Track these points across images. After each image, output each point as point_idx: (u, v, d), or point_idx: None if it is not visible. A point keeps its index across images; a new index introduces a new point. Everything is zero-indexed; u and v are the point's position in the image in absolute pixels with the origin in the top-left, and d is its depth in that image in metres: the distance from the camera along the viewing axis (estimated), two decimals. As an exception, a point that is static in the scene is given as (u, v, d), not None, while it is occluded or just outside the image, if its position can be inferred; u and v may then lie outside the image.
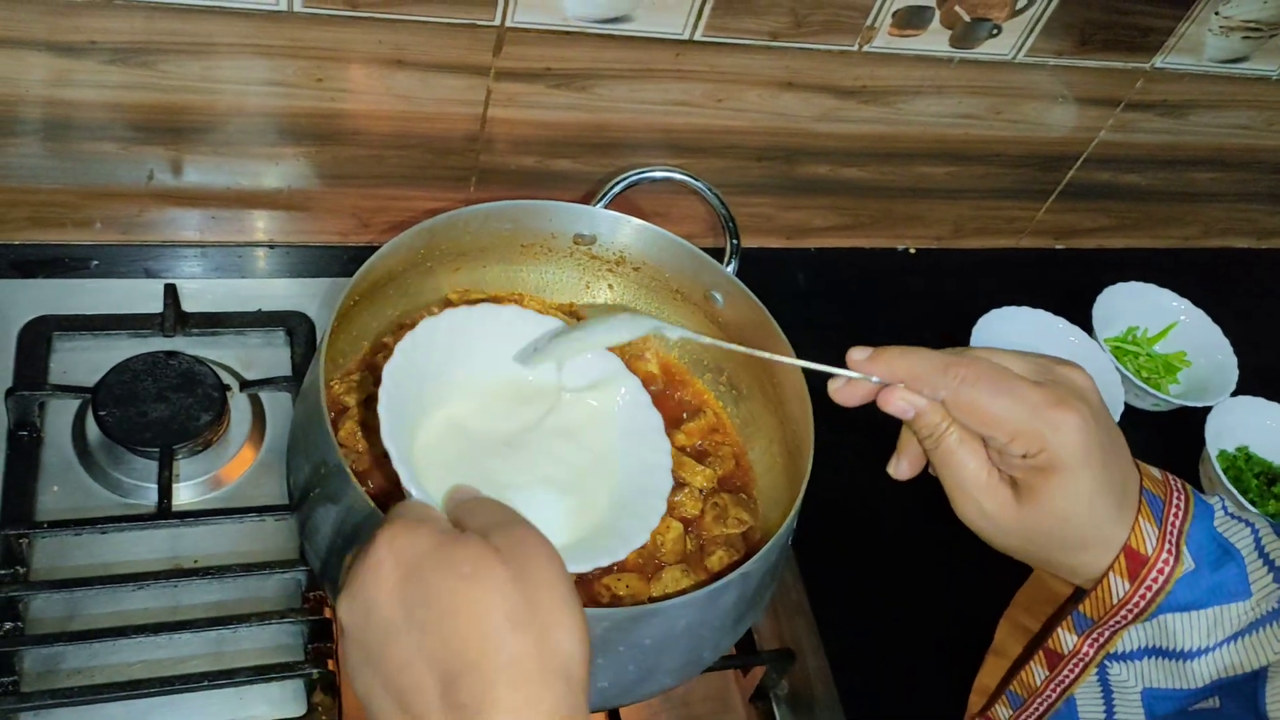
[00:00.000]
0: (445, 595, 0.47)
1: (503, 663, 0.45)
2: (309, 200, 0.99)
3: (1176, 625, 0.58)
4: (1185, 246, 1.41)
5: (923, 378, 0.57)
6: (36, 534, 0.78)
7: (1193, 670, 0.59)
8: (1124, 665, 0.61)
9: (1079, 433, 0.55)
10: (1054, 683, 0.64)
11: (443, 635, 0.46)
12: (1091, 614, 0.60)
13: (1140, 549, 0.57)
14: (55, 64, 0.82)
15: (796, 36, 0.96)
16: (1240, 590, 0.58)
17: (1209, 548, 0.58)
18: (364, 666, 0.48)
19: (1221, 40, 1.10)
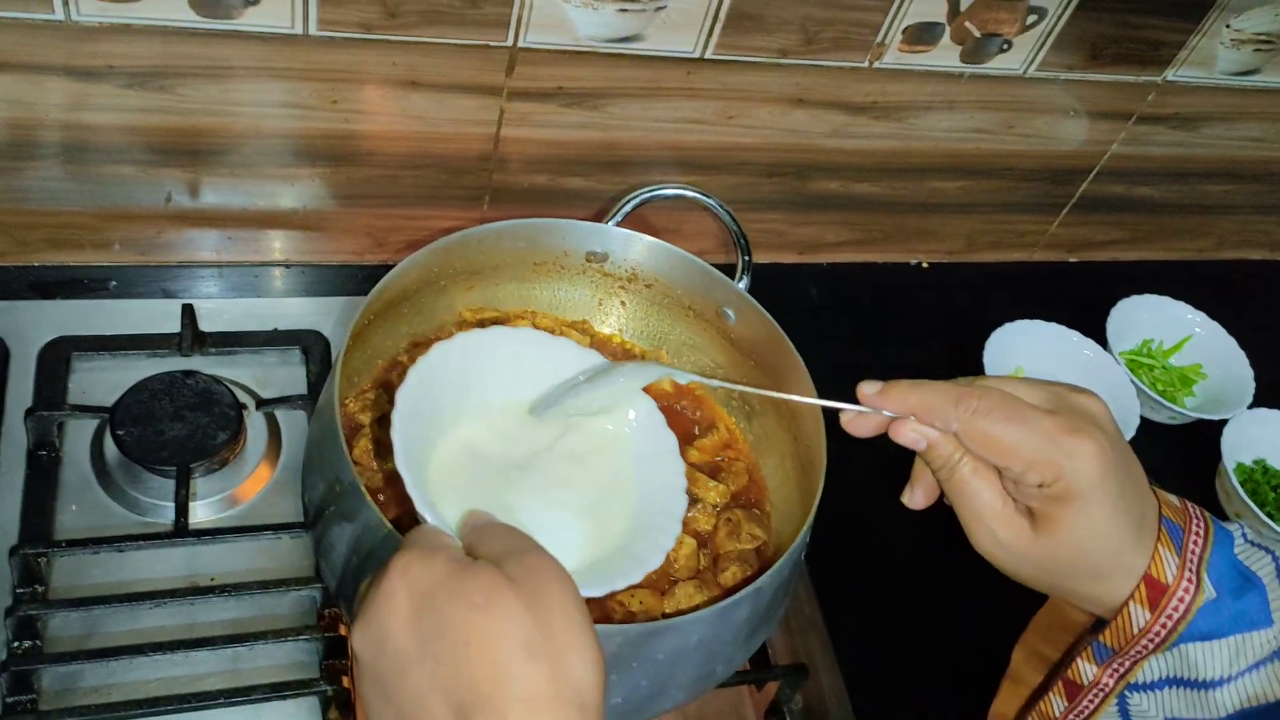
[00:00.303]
0: (458, 625, 0.47)
1: (516, 694, 0.45)
2: (324, 220, 1.00)
3: (1198, 655, 0.57)
4: (1199, 259, 1.40)
5: (934, 410, 0.57)
6: (55, 552, 0.79)
7: (1215, 700, 0.58)
8: (1145, 695, 0.60)
9: (1095, 460, 0.54)
10: (1074, 713, 0.63)
11: (456, 666, 0.46)
12: (1112, 644, 0.59)
13: (1161, 577, 0.56)
14: (73, 88, 0.83)
15: (807, 54, 0.96)
16: (1262, 618, 0.57)
17: (1230, 575, 0.57)
18: (378, 697, 0.48)
19: (1233, 53, 1.10)
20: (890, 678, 0.89)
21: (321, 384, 0.89)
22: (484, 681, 0.45)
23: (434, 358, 0.67)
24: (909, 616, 0.94)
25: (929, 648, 0.92)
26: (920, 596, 0.95)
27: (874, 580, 0.95)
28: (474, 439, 0.68)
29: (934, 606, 0.95)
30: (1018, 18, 0.99)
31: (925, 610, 0.95)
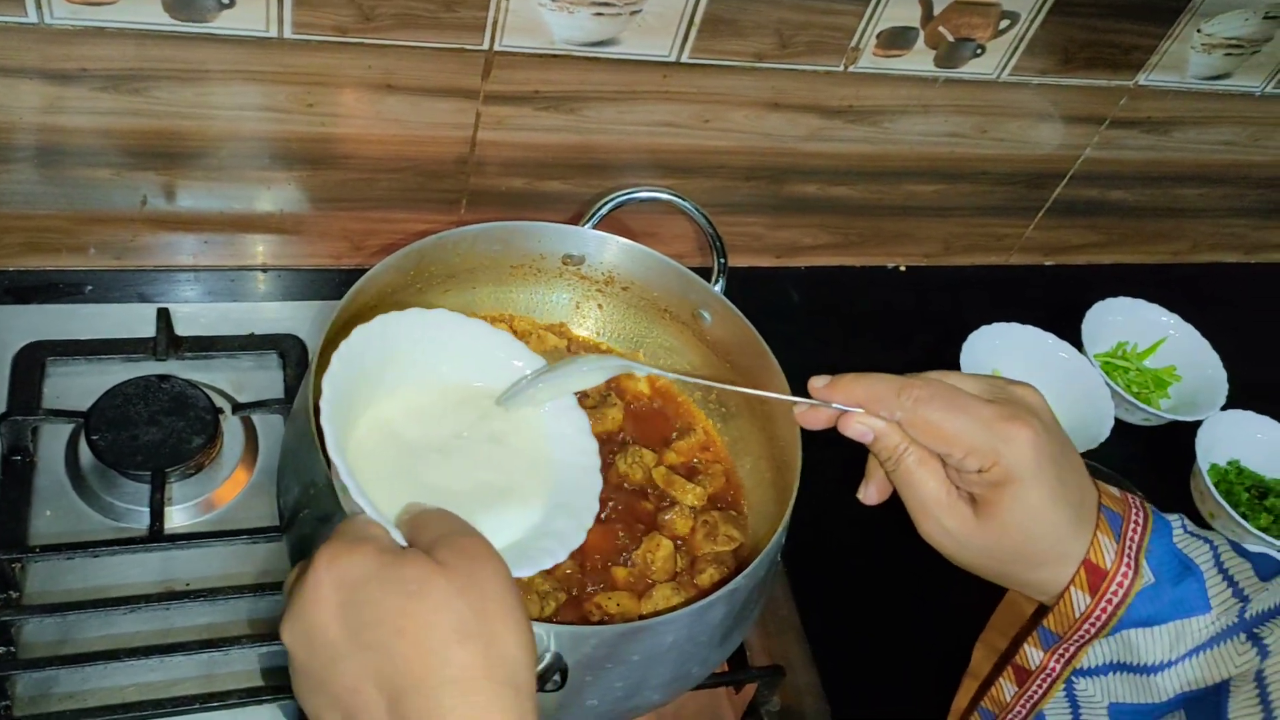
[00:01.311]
0: (392, 614, 0.47)
1: (450, 676, 0.46)
2: (301, 224, 1.00)
3: (1139, 640, 0.60)
4: (1174, 262, 1.41)
5: (879, 400, 0.60)
6: (29, 558, 0.78)
7: (1157, 684, 0.60)
8: (1090, 681, 0.62)
9: (1031, 446, 0.57)
10: (1023, 699, 0.65)
11: (389, 653, 0.47)
12: (1056, 629, 0.61)
13: (1100, 563, 0.59)
14: (47, 91, 0.83)
15: (782, 58, 0.97)
16: (1200, 605, 0.59)
17: (1169, 563, 0.60)
18: (312, 690, 0.49)
19: (1204, 57, 1.11)
20: (867, 677, 0.90)
21: (298, 388, 0.88)
22: (416, 666, 0.46)
23: (356, 340, 0.66)
24: (885, 616, 0.94)
25: (905, 647, 0.92)
26: (896, 596, 0.96)
27: (850, 581, 0.95)
28: (393, 420, 0.68)
29: (910, 606, 0.95)
30: (991, 22, 0.99)
31: (901, 610, 0.95)
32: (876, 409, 0.60)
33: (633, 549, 0.79)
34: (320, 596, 0.48)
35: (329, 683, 0.48)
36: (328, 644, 0.48)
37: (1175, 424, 1.15)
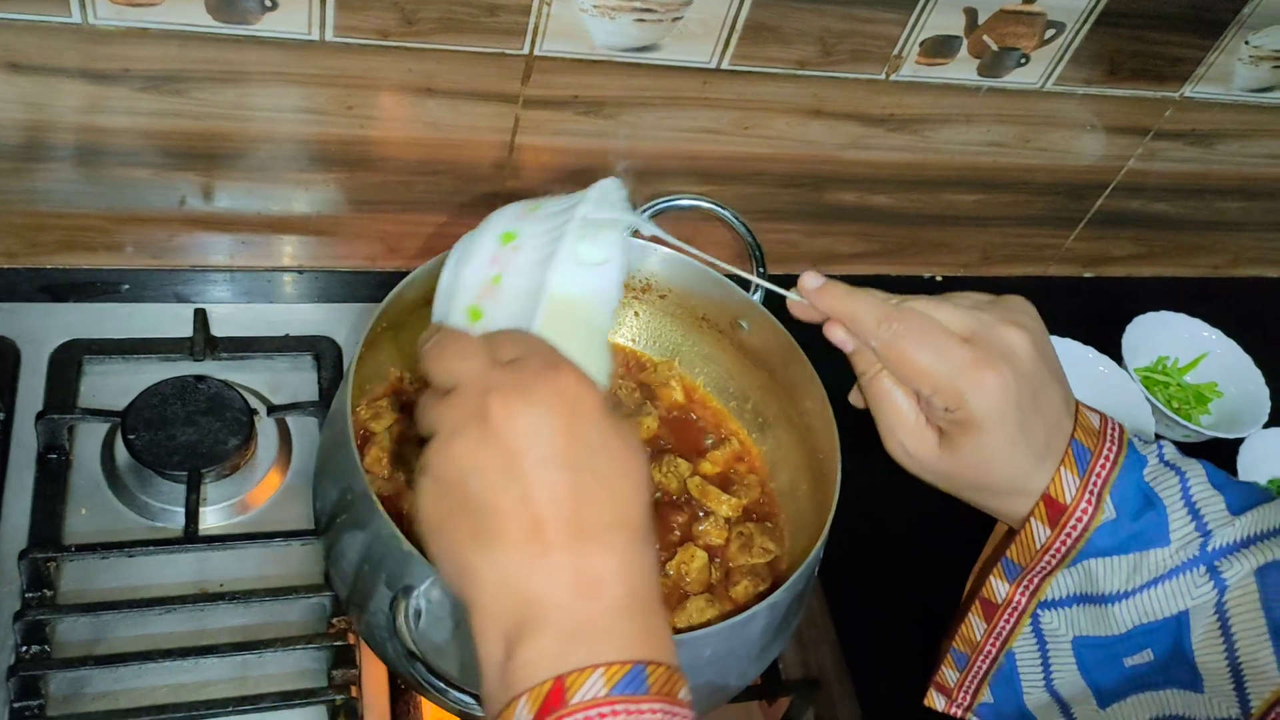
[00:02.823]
0: (609, 443, 0.51)
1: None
2: (338, 226, 1.00)
3: (1099, 569, 0.61)
4: (1215, 276, 1.39)
5: (859, 322, 0.61)
6: (64, 557, 0.78)
7: (1115, 615, 0.61)
8: (1054, 613, 0.63)
9: (997, 394, 0.58)
10: (992, 636, 0.66)
11: (610, 480, 0.50)
12: (1018, 560, 0.63)
13: (1059, 498, 0.60)
14: (89, 91, 0.83)
15: (824, 65, 0.96)
16: (1160, 538, 0.60)
17: (1133, 498, 0.60)
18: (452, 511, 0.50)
19: (1251, 69, 1.09)
20: (903, 692, 0.89)
21: (333, 391, 0.88)
22: (632, 496, 0.51)
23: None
24: (922, 631, 0.93)
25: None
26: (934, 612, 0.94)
27: (887, 593, 0.94)
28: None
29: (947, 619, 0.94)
30: (1036, 32, 0.98)
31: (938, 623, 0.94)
32: (855, 330, 0.61)
33: (667, 560, 0.78)
34: (554, 413, 0.50)
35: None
36: (560, 450, 0.49)
37: (1216, 441, 1.13)
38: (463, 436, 0.50)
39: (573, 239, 0.60)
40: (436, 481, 0.51)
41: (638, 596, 0.49)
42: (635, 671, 0.46)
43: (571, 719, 0.45)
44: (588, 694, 0.45)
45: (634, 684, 0.46)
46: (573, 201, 0.62)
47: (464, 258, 0.62)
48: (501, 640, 0.48)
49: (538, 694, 0.46)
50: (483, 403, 0.49)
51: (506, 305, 0.59)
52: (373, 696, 0.78)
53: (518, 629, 0.47)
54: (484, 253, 0.62)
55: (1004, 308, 0.61)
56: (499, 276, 0.60)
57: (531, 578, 0.48)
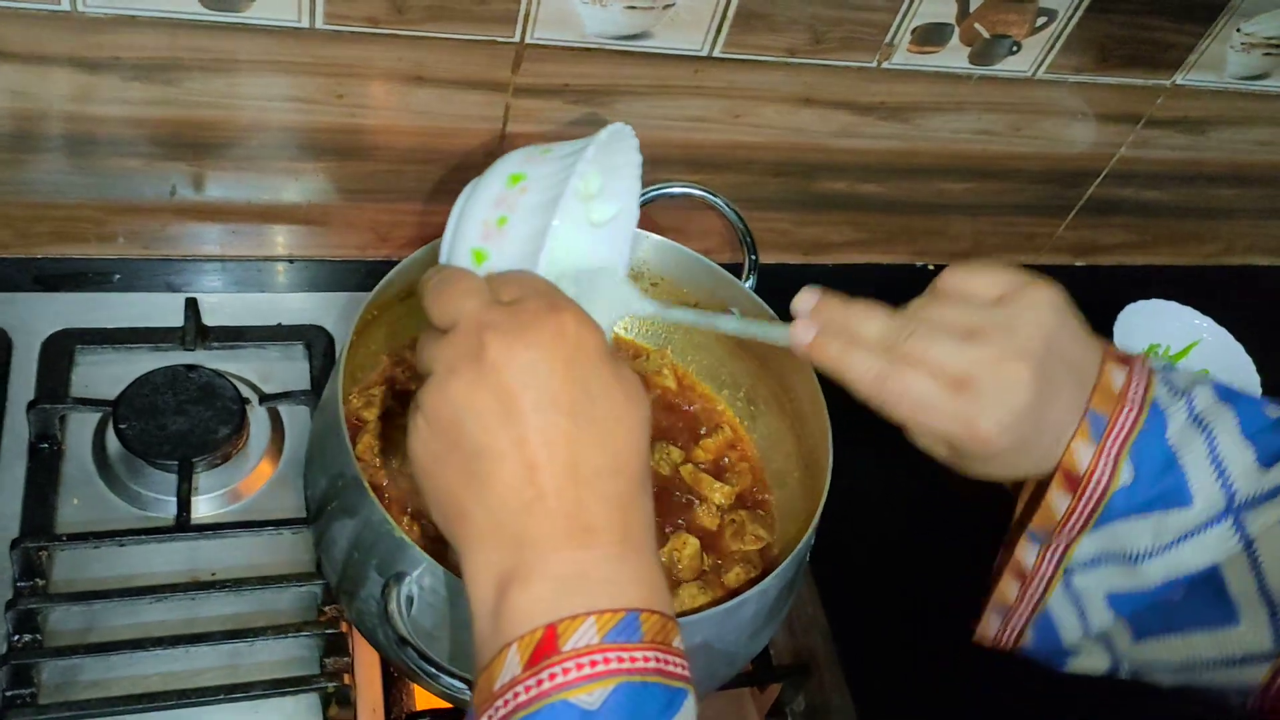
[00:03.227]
0: (608, 388, 0.50)
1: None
2: (328, 215, 0.99)
3: (1124, 531, 0.60)
4: (1207, 264, 1.40)
5: (851, 384, 0.59)
6: (56, 546, 0.78)
7: (1146, 572, 0.61)
8: (1085, 574, 0.63)
9: (994, 439, 0.56)
10: (1025, 599, 0.66)
11: (608, 425, 0.50)
12: (1040, 529, 0.62)
13: (1074, 469, 0.59)
14: (79, 79, 0.83)
15: (815, 53, 0.96)
16: (1181, 498, 0.59)
17: (1153, 460, 0.59)
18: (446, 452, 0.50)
19: (1243, 57, 1.09)
20: (893, 678, 0.89)
21: (325, 379, 0.88)
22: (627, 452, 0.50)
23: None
24: (913, 617, 0.93)
25: (933, 652, 0.91)
26: (925, 598, 0.95)
27: (877, 580, 0.94)
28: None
29: (938, 608, 0.94)
30: (1027, 19, 0.98)
31: (929, 610, 0.94)
32: (846, 387, 0.60)
33: (659, 547, 0.78)
34: (555, 354, 0.49)
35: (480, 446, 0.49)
36: (554, 397, 0.49)
37: (1207, 428, 1.13)
38: (458, 376, 0.49)
39: (579, 179, 0.59)
40: (430, 421, 0.50)
41: (631, 544, 0.49)
42: (629, 619, 0.46)
43: (563, 666, 0.44)
44: (580, 641, 0.45)
45: (627, 631, 0.45)
46: (583, 144, 0.61)
47: (471, 200, 0.61)
48: (493, 584, 0.48)
49: (529, 641, 0.45)
50: (480, 341, 0.49)
51: (511, 247, 0.58)
52: (365, 684, 0.78)
53: (509, 574, 0.47)
54: (491, 194, 0.60)
55: (1009, 326, 0.58)
56: (505, 219, 0.59)
57: (524, 523, 0.48)
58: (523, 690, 0.44)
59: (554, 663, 0.44)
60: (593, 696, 0.44)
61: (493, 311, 0.51)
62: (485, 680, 0.46)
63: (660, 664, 0.45)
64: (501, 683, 0.45)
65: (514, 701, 0.45)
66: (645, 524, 0.50)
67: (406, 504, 0.77)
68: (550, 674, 0.44)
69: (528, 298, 0.51)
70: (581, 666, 0.44)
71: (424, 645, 0.62)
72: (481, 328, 0.50)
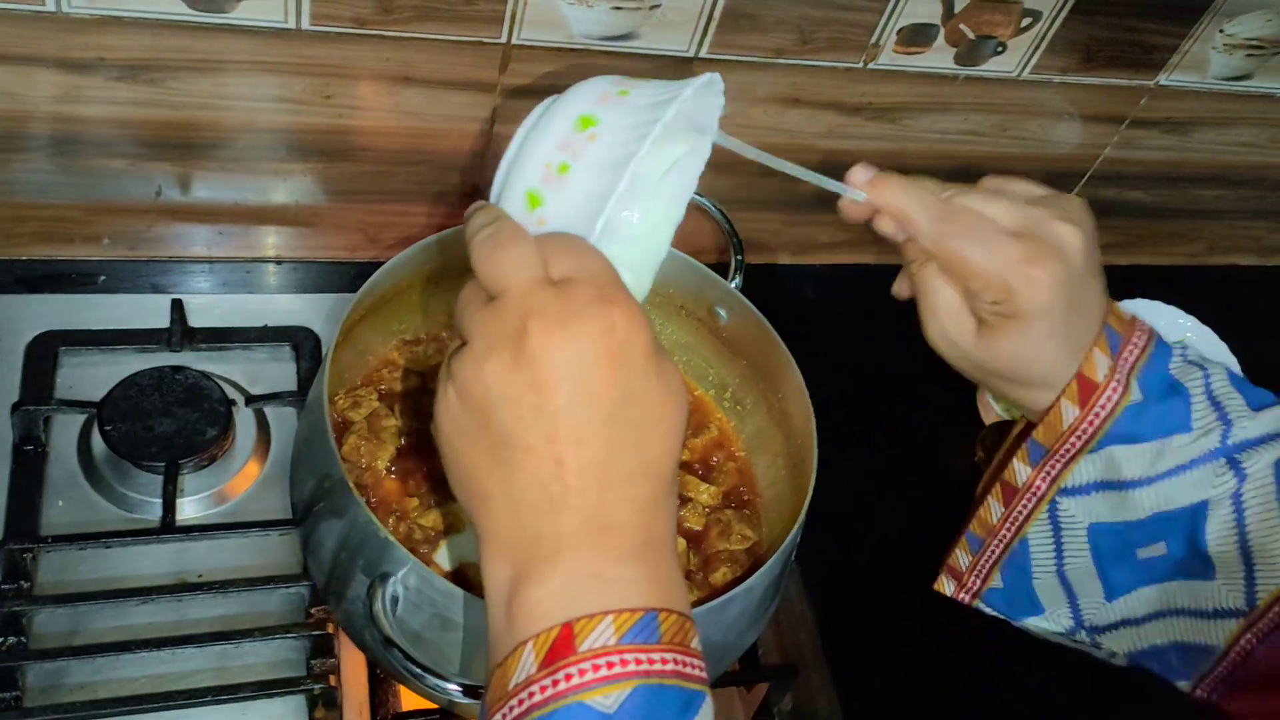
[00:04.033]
0: (649, 390, 0.48)
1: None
2: (316, 216, 0.99)
3: (1121, 456, 0.62)
4: (1191, 264, 1.40)
5: (910, 219, 0.61)
6: (41, 548, 0.78)
7: (1135, 500, 0.62)
8: (1073, 500, 0.64)
9: (1045, 289, 0.58)
10: (1009, 521, 0.67)
11: (643, 429, 0.48)
12: (1044, 441, 0.63)
13: (1092, 376, 0.60)
14: (63, 80, 0.82)
15: (802, 53, 0.96)
16: (1182, 424, 0.61)
17: (1159, 384, 0.61)
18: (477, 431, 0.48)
19: (1225, 58, 1.10)
20: (880, 676, 0.89)
21: (311, 381, 0.88)
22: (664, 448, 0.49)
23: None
24: (900, 615, 0.94)
25: (919, 650, 0.92)
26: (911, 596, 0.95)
27: (864, 579, 0.95)
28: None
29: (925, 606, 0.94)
30: (1012, 20, 0.99)
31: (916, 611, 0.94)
32: (906, 226, 0.61)
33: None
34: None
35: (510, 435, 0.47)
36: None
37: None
38: (497, 357, 0.47)
39: (654, 147, 0.53)
40: (462, 395, 0.48)
41: (652, 545, 0.47)
42: (647, 619, 0.45)
43: (580, 667, 0.43)
44: (597, 641, 0.44)
45: (645, 632, 0.44)
46: (667, 95, 0.55)
47: (534, 135, 0.56)
48: (508, 575, 0.47)
49: (545, 640, 0.44)
50: (524, 325, 0.46)
51: (568, 202, 0.54)
52: (351, 685, 0.78)
53: (526, 566, 0.46)
54: (557, 134, 0.55)
55: (1058, 204, 0.61)
56: (567, 166, 0.54)
57: (545, 517, 0.46)
58: (538, 690, 0.44)
59: (570, 663, 0.43)
60: (609, 699, 0.43)
61: (542, 293, 0.47)
62: (500, 678, 0.45)
63: (678, 666, 0.45)
64: (516, 681, 0.44)
65: (529, 701, 0.44)
66: (668, 525, 0.49)
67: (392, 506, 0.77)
68: (566, 674, 0.43)
69: (580, 280, 0.48)
70: (598, 668, 0.43)
71: (409, 646, 0.62)
72: (528, 312, 0.47)
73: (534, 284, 0.48)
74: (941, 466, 1.04)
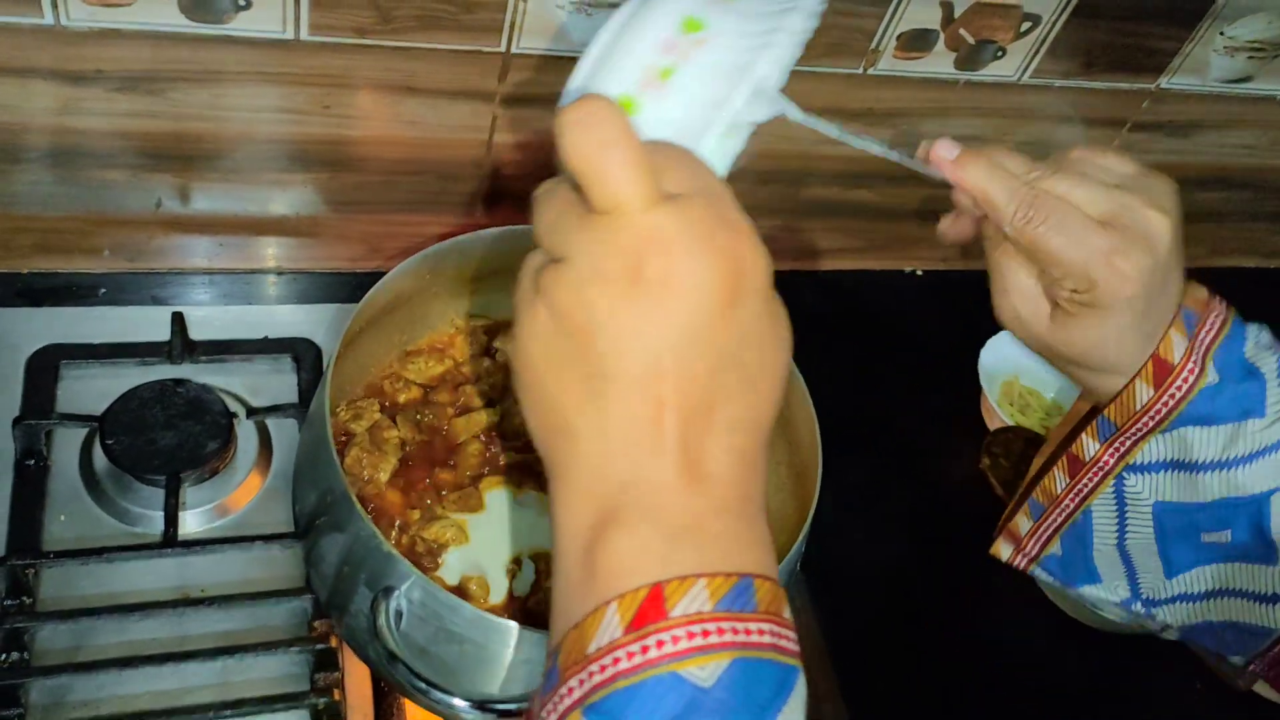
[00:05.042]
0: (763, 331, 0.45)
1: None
2: (317, 227, 0.99)
3: (1194, 437, 0.60)
4: (1193, 266, 1.39)
5: (992, 204, 0.58)
6: (43, 563, 0.78)
7: (1204, 483, 0.61)
8: (1140, 477, 0.62)
9: (1131, 283, 0.56)
10: (1073, 492, 0.65)
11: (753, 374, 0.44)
12: (1116, 419, 0.62)
13: (1168, 358, 0.59)
14: (63, 92, 0.82)
15: (801, 60, 0.95)
16: (1257, 408, 0.60)
17: (1235, 365, 0.60)
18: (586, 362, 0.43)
19: (1226, 60, 1.10)
20: (887, 687, 0.89)
21: (313, 392, 0.88)
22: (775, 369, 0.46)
23: None
24: (906, 625, 0.93)
25: (927, 660, 0.91)
26: (916, 604, 0.95)
27: (870, 588, 0.94)
28: None
29: (933, 615, 0.94)
30: (1012, 25, 0.98)
31: (922, 619, 0.94)
32: (989, 209, 0.58)
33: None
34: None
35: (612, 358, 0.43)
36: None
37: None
38: (606, 281, 0.42)
39: (769, 63, 0.50)
40: (557, 318, 0.43)
41: (750, 500, 0.43)
42: (742, 585, 0.41)
43: (673, 634, 0.39)
44: (691, 606, 0.40)
45: (741, 599, 0.40)
46: (781, 4, 0.51)
47: (631, 31, 0.50)
48: (590, 520, 0.42)
49: (631, 601, 0.40)
50: (640, 248, 0.41)
51: (671, 110, 0.48)
52: (356, 699, 0.78)
53: (611, 513, 0.42)
54: (660, 33, 0.49)
55: (1148, 189, 0.59)
56: (670, 70, 0.49)
57: (638, 460, 0.42)
58: (624, 656, 0.39)
59: (662, 629, 0.39)
60: (705, 671, 0.39)
61: (660, 212, 0.42)
62: (576, 640, 0.41)
63: (775, 638, 0.41)
64: (598, 645, 0.40)
65: (614, 668, 0.39)
66: (763, 481, 0.45)
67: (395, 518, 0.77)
68: (659, 641, 0.39)
69: (698, 201, 0.43)
70: (693, 635, 0.39)
71: (414, 660, 0.62)
72: (646, 234, 0.42)
73: (650, 200, 0.42)
74: (945, 473, 1.04)
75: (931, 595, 0.95)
